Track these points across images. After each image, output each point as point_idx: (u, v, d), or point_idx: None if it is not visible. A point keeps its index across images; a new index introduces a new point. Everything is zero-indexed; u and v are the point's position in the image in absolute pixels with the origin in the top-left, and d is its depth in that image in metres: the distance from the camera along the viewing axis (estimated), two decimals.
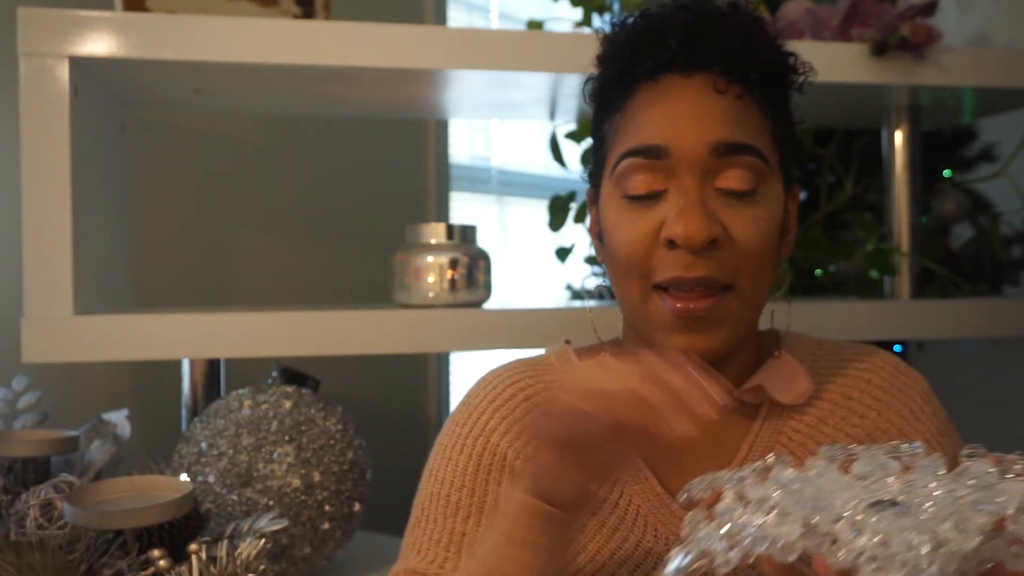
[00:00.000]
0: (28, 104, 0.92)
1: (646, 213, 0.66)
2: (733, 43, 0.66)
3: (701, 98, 0.66)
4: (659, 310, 0.66)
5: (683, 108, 0.66)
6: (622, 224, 0.67)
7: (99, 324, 0.94)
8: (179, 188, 1.40)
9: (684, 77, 0.66)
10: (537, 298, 2.22)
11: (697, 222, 0.63)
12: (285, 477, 0.94)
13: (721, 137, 0.64)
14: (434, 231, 1.06)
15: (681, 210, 0.64)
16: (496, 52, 1.00)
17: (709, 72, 0.66)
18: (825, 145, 1.38)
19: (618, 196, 0.68)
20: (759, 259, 0.66)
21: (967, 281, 1.31)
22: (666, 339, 0.66)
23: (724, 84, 0.66)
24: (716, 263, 0.64)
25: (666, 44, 0.66)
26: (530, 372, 0.75)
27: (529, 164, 2.21)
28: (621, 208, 0.67)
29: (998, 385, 1.51)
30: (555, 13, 1.60)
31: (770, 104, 0.68)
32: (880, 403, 0.74)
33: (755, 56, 0.67)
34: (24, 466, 0.88)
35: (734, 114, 0.66)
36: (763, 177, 0.66)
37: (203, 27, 0.95)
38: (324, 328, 0.99)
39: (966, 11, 1.50)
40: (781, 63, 0.70)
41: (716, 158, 0.64)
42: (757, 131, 0.66)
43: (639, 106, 0.68)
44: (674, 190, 0.65)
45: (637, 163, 0.66)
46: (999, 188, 1.35)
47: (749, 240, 0.65)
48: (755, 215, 0.65)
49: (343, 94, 1.13)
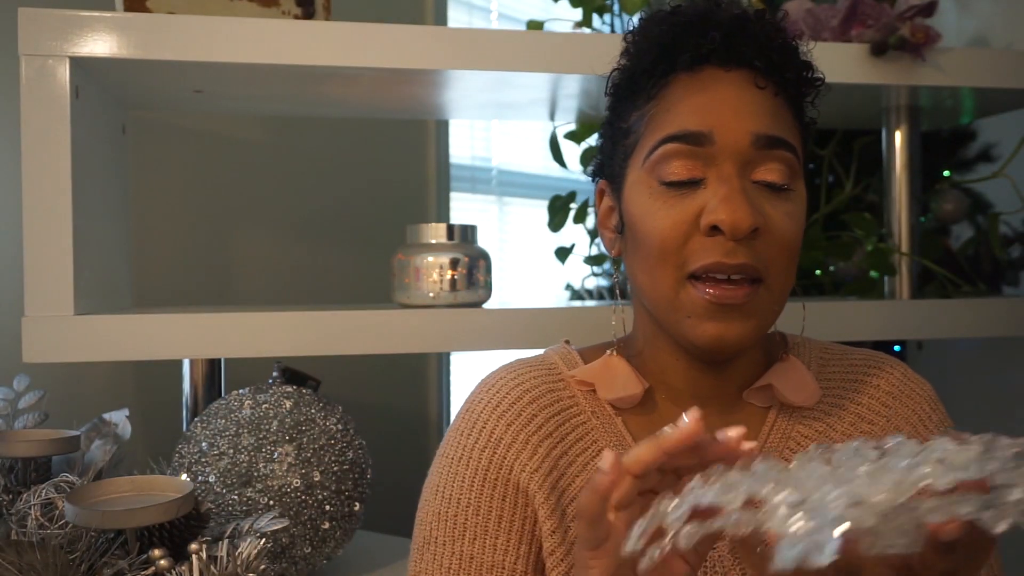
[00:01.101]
0: (29, 104, 0.92)
1: (684, 200, 0.65)
2: (773, 42, 0.67)
3: (743, 91, 0.66)
4: (692, 298, 0.65)
5: (726, 98, 0.66)
6: (657, 211, 0.66)
7: (99, 324, 0.94)
8: (179, 188, 1.40)
9: (725, 70, 0.67)
10: (537, 298, 2.22)
11: (743, 208, 0.63)
12: (285, 477, 0.94)
13: (763, 129, 0.65)
14: (434, 231, 1.06)
15: (726, 196, 0.64)
16: (496, 52, 1.01)
17: (749, 68, 0.67)
18: (825, 145, 1.39)
19: (652, 183, 0.67)
20: (790, 254, 0.66)
21: (966, 281, 1.31)
22: (698, 326, 0.65)
23: (764, 80, 0.67)
24: (755, 253, 0.64)
25: (709, 36, 0.67)
26: (534, 372, 0.75)
27: (529, 164, 2.21)
28: (656, 195, 0.67)
29: (998, 385, 1.51)
30: (555, 13, 1.60)
31: (797, 107, 0.70)
32: (889, 410, 0.74)
33: (790, 58, 0.68)
34: (25, 466, 0.88)
35: (773, 109, 0.67)
36: (795, 174, 0.67)
37: (203, 27, 0.95)
38: (324, 328, 0.99)
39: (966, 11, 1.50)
40: (808, 70, 0.71)
41: (756, 150, 0.65)
42: (792, 129, 0.68)
43: (678, 96, 0.67)
44: (713, 178, 0.65)
45: (677, 148, 0.66)
46: (998, 188, 1.35)
47: (784, 234, 0.65)
48: (788, 210, 0.66)
49: (343, 94, 1.13)
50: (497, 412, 0.72)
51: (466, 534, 0.69)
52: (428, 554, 0.70)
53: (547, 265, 1.70)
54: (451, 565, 0.69)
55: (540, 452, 0.70)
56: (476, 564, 0.69)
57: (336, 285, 1.58)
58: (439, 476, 0.72)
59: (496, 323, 1.02)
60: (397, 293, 1.06)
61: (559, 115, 1.28)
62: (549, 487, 0.70)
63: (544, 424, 0.72)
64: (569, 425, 0.72)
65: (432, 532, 0.70)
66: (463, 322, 1.02)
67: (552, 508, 0.69)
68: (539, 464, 0.70)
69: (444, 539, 0.70)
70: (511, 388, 0.73)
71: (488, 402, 0.73)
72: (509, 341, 1.02)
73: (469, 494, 0.70)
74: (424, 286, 1.04)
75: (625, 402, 0.73)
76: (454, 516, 0.70)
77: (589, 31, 1.45)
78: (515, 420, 0.71)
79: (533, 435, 0.71)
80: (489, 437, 0.71)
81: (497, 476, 0.70)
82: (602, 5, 1.44)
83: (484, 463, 0.71)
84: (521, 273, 2.17)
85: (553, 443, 0.71)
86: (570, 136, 1.45)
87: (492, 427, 0.71)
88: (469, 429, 0.73)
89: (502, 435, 0.71)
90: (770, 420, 0.73)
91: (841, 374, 0.76)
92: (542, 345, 0.83)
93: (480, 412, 0.73)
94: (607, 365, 0.74)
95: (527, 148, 2.19)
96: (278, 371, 1.06)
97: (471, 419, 0.73)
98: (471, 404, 0.74)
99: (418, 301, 1.04)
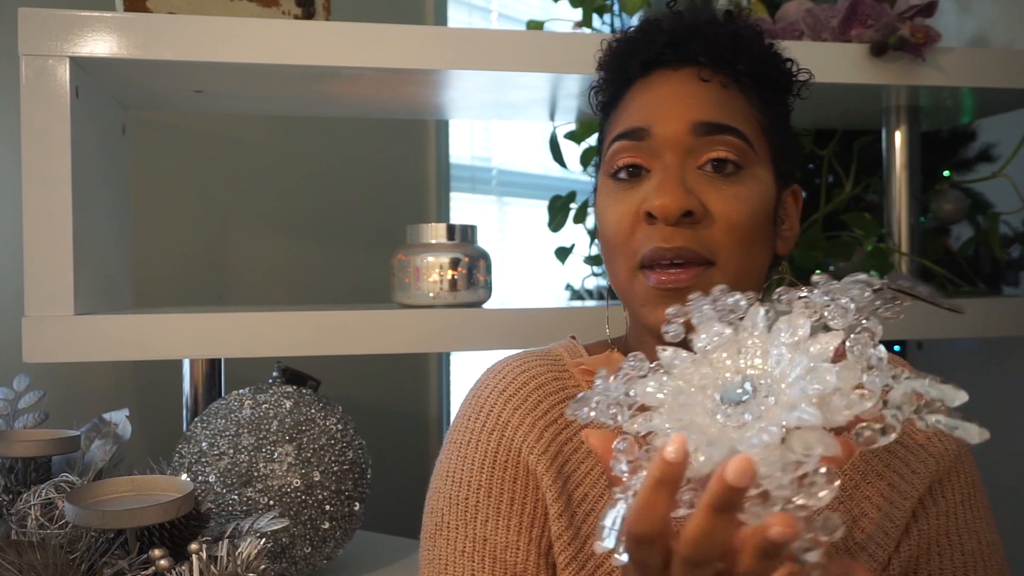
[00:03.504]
0: (29, 104, 0.92)
1: (630, 192, 0.68)
2: (720, 38, 0.69)
3: (686, 85, 0.69)
4: (643, 286, 0.67)
5: (667, 94, 0.69)
6: (609, 206, 0.70)
7: (99, 324, 0.94)
8: (179, 188, 1.40)
9: (672, 70, 0.70)
10: (537, 298, 2.22)
11: (672, 193, 0.65)
12: (285, 477, 0.94)
13: (701, 117, 0.67)
14: (434, 231, 1.06)
15: (659, 184, 0.66)
16: (496, 52, 1.01)
17: (696, 64, 0.69)
18: (825, 145, 1.39)
19: (608, 182, 0.71)
20: (742, 235, 0.66)
21: (966, 281, 1.31)
22: (651, 313, 0.67)
23: (709, 73, 0.69)
24: (695, 236, 0.65)
25: (656, 41, 0.70)
26: (539, 361, 0.76)
27: (529, 164, 2.21)
28: (609, 191, 0.70)
29: (998, 385, 1.51)
30: (555, 13, 1.60)
31: (760, 97, 0.70)
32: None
33: (743, 51, 0.70)
34: (25, 466, 0.88)
35: (718, 99, 0.68)
36: (747, 158, 0.68)
37: (203, 27, 0.95)
38: (324, 328, 0.99)
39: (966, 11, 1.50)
40: (772, 62, 0.72)
41: (697, 137, 0.67)
42: (743, 116, 0.69)
43: (630, 99, 0.71)
44: (657, 169, 0.68)
45: (622, 145, 0.69)
46: (998, 188, 1.35)
47: (729, 216, 0.66)
48: (736, 193, 0.67)
49: (343, 94, 1.13)
50: (504, 396, 0.73)
51: (478, 516, 0.70)
52: (441, 540, 0.71)
53: (547, 265, 1.70)
54: (465, 548, 0.69)
55: (546, 437, 0.72)
56: (490, 545, 0.69)
57: (336, 285, 1.58)
58: (448, 462, 0.73)
59: (496, 323, 1.02)
60: (397, 293, 1.06)
61: (559, 115, 1.28)
62: (556, 471, 0.70)
63: (549, 410, 0.73)
64: None
65: (444, 517, 0.71)
66: (463, 322, 1.02)
67: (559, 492, 0.70)
68: (545, 447, 0.71)
69: (456, 523, 0.70)
70: (517, 374, 0.74)
71: (495, 387, 0.74)
72: (509, 341, 1.02)
73: (480, 476, 0.71)
74: (424, 286, 1.04)
75: None
76: (465, 499, 0.71)
77: (589, 31, 1.45)
78: (521, 404, 0.73)
79: (539, 420, 0.72)
80: (497, 420, 0.72)
81: (507, 458, 0.71)
82: (602, 5, 1.44)
83: (493, 445, 0.72)
84: (521, 273, 2.17)
85: (558, 429, 0.72)
86: (570, 136, 1.45)
87: (500, 410, 0.73)
88: (476, 413, 0.74)
89: (509, 418, 0.72)
90: None
91: None
92: (542, 345, 0.83)
93: (487, 397, 0.74)
94: (610, 359, 0.76)
95: (527, 148, 2.19)
96: (278, 371, 1.06)
97: (478, 404, 0.74)
98: (478, 390, 0.76)
99: (418, 301, 1.04)
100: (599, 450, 0.48)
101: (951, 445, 0.71)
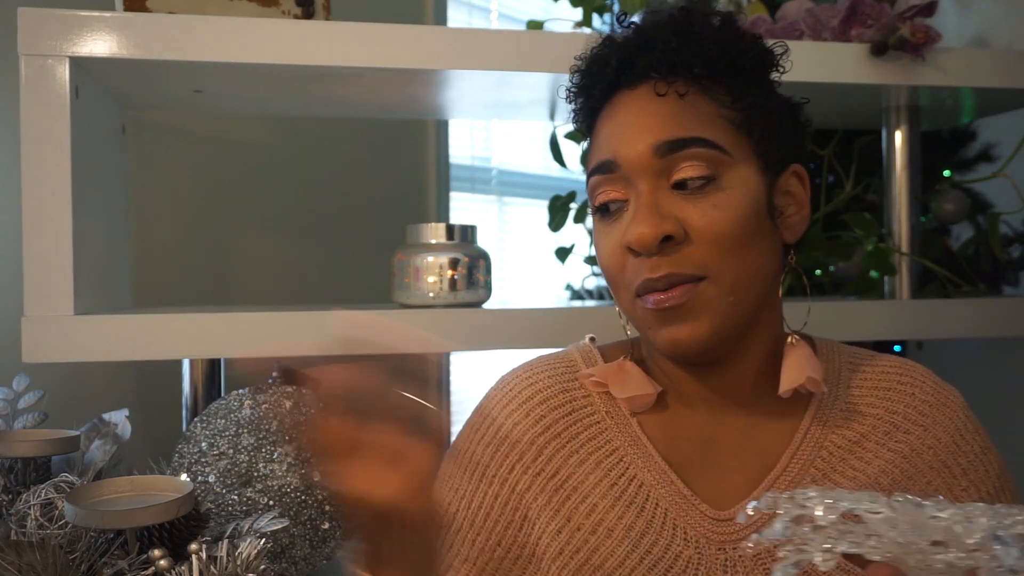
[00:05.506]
0: (28, 104, 0.92)
1: (614, 227, 0.69)
2: (670, 46, 0.67)
3: (644, 106, 0.68)
4: (643, 311, 0.67)
5: (627, 120, 0.68)
6: (599, 240, 0.70)
7: (99, 324, 0.94)
8: (179, 188, 1.40)
9: (630, 90, 0.69)
10: (537, 298, 2.22)
11: (645, 223, 0.64)
12: (285, 477, 0.94)
13: (662, 137, 0.66)
14: (434, 231, 1.06)
15: (633, 216, 0.66)
16: (496, 52, 1.01)
17: (649, 80, 0.68)
18: (825, 145, 1.39)
19: (595, 215, 0.71)
20: (728, 244, 0.65)
21: (966, 281, 1.31)
22: (656, 335, 0.67)
23: (664, 87, 0.67)
24: (681, 259, 0.65)
25: (610, 65, 0.70)
26: (549, 372, 0.76)
27: (529, 164, 2.21)
28: (597, 225, 0.71)
29: (998, 385, 1.51)
30: (555, 13, 1.60)
31: (728, 91, 0.68)
32: (926, 419, 0.72)
33: (696, 51, 0.67)
34: (25, 466, 0.88)
35: (676, 113, 0.67)
36: (720, 165, 0.66)
37: (203, 27, 0.95)
38: (324, 328, 0.99)
39: (966, 11, 1.50)
40: (734, 49, 0.69)
41: (661, 158, 0.66)
42: (709, 122, 0.67)
43: (599, 127, 0.71)
44: (632, 198, 0.67)
45: (597, 180, 0.69)
46: (998, 188, 1.35)
47: (710, 228, 0.65)
48: (715, 203, 0.65)
49: (343, 94, 1.13)
50: (507, 411, 0.74)
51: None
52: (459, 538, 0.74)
53: (547, 265, 1.69)
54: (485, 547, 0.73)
55: (546, 453, 0.72)
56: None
57: (336, 285, 1.58)
58: (444, 464, 0.76)
59: (496, 323, 1.02)
60: (397, 293, 1.06)
61: (559, 115, 1.28)
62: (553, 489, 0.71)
63: (552, 425, 0.73)
64: (581, 425, 0.74)
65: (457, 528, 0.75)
66: (463, 322, 1.01)
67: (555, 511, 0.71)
68: (543, 466, 0.72)
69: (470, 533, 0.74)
70: (523, 387, 0.75)
71: (499, 400, 0.76)
72: (509, 341, 1.02)
73: (466, 485, 0.74)
74: (424, 286, 1.04)
75: (638, 404, 0.74)
76: (447, 503, 0.74)
77: (589, 31, 1.45)
78: (523, 419, 0.73)
79: (540, 436, 0.73)
80: (495, 434, 0.74)
81: (495, 473, 0.73)
82: (602, 5, 1.44)
83: (486, 459, 0.74)
84: (521, 273, 2.17)
85: (561, 443, 0.73)
86: (570, 136, 1.45)
87: (500, 424, 0.74)
88: (478, 423, 0.76)
89: (508, 433, 0.73)
90: (804, 427, 0.72)
91: (873, 380, 0.74)
92: (542, 345, 0.83)
93: (491, 409, 0.75)
94: (621, 368, 0.75)
95: (527, 148, 2.19)
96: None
97: (482, 415, 0.76)
98: (485, 400, 0.78)
99: (418, 301, 1.04)
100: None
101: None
